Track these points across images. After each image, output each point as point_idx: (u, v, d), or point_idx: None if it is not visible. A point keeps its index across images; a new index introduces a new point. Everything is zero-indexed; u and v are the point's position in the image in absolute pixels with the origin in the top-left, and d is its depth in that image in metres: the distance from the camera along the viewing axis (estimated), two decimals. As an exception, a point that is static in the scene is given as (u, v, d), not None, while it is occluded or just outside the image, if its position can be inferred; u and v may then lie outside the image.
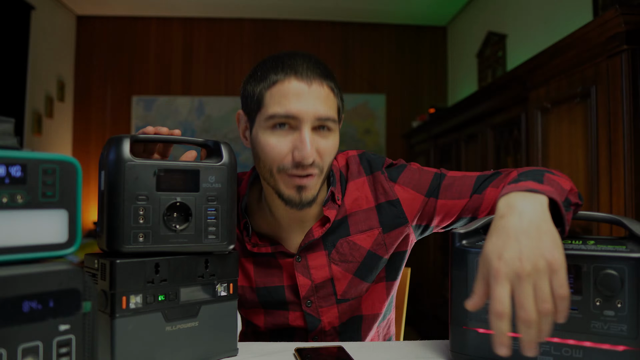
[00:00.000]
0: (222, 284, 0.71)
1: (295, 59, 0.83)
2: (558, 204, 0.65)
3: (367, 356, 0.72)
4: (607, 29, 1.57)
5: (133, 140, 0.67)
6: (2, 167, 0.45)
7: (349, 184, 0.93)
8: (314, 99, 0.80)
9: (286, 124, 0.81)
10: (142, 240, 0.64)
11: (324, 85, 0.82)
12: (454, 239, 0.69)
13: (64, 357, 0.46)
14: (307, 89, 0.80)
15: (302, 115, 0.79)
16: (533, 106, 2.08)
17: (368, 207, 0.93)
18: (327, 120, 0.82)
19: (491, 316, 0.54)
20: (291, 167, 0.81)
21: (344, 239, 0.92)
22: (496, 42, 3.37)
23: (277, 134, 0.81)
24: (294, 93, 0.80)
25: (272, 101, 0.81)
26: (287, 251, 0.91)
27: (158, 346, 0.65)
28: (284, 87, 0.81)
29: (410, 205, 0.92)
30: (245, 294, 0.94)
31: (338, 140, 0.87)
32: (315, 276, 0.91)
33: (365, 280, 0.93)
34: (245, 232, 0.91)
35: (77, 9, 4.21)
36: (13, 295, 0.43)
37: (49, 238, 0.48)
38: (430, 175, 0.93)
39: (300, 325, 0.93)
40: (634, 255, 0.58)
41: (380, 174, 0.93)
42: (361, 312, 0.96)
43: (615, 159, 1.56)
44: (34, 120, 3.66)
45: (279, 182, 0.83)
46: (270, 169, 0.83)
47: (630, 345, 0.57)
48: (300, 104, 0.79)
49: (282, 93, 0.80)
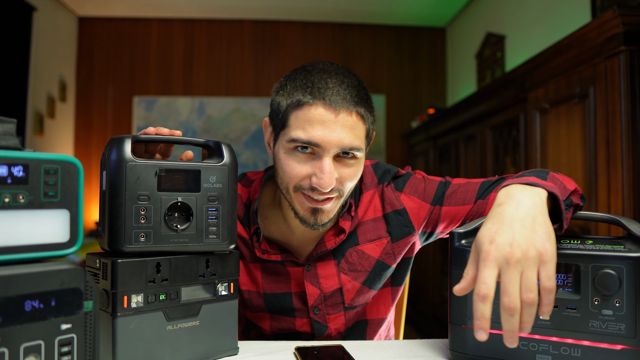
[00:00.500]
0: (222, 284, 0.71)
1: (327, 82, 0.79)
2: (558, 199, 0.64)
3: (367, 355, 0.72)
4: (605, 30, 1.57)
5: (134, 141, 0.67)
6: (4, 167, 0.45)
7: (363, 195, 0.93)
8: (340, 127, 0.77)
9: (308, 148, 0.79)
10: (143, 240, 0.64)
11: (353, 114, 0.79)
12: (453, 238, 0.69)
13: (65, 356, 0.46)
14: (334, 118, 0.77)
15: (324, 144, 0.77)
16: (532, 107, 2.08)
17: (376, 217, 0.93)
18: (352, 150, 0.79)
19: (474, 297, 0.53)
20: (308, 189, 0.80)
21: (353, 248, 0.91)
22: (495, 43, 3.37)
23: (298, 157, 0.80)
24: (319, 120, 0.77)
25: (296, 123, 0.79)
26: (297, 260, 0.90)
27: (159, 345, 0.65)
28: (310, 113, 0.78)
29: (417, 214, 0.92)
30: (252, 298, 0.93)
31: (363, 165, 0.85)
32: (325, 285, 0.90)
33: (373, 288, 0.93)
34: (255, 238, 0.90)
35: (78, 10, 4.21)
36: (15, 295, 0.43)
37: (51, 238, 0.48)
38: (435, 184, 0.93)
39: (307, 331, 0.93)
40: (632, 254, 0.58)
41: (387, 185, 0.93)
42: (366, 317, 0.96)
43: (613, 159, 1.56)
44: (35, 121, 3.66)
45: (295, 201, 0.83)
46: (287, 187, 0.82)
47: (628, 345, 0.57)
48: (324, 133, 0.77)
49: (307, 118, 0.78)
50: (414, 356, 0.72)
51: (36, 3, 3.57)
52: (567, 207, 0.68)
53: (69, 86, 4.20)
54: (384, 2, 3.99)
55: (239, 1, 4.00)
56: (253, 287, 0.93)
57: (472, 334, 0.66)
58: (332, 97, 0.77)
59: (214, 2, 4.02)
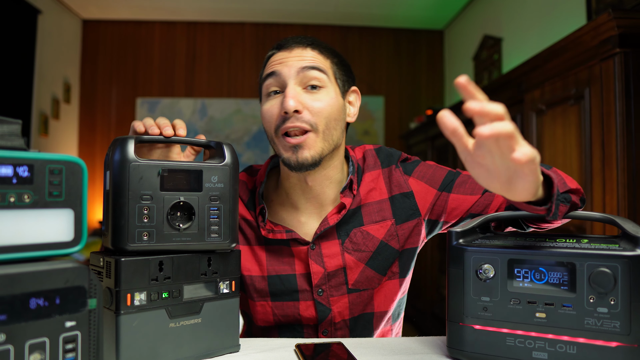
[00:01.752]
0: (224, 282, 0.71)
1: (286, 38, 0.89)
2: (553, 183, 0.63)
3: (366, 352, 0.72)
4: (600, 33, 1.57)
5: (137, 141, 0.67)
6: (10, 167, 0.45)
7: (365, 175, 0.95)
8: (296, 58, 0.85)
9: (278, 91, 0.86)
10: (146, 238, 0.64)
11: (308, 49, 0.87)
12: (451, 237, 0.69)
13: (70, 352, 0.46)
14: (289, 54, 0.86)
15: (283, 70, 0.85)
16: (528, 108, 2.08)
17: (382, 199, 0.93)
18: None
19: None
20: (281, 124, 0.84)
21: (358, 228, 0.92)
22: (492, 45, 3.37)
23: (270, 100, 0.87)
24: (278, 59, 0.86)
25: (264, 72, 0.88)
26: (301, 239, 0.91)
27: (162, 342, 0.65)
28: (272, 59, 0.88)
29: (423, 198, 0.93)
30: (255, 283, 0.93)
31: (334, 100, 0.87)
32: (328, 264, 0.91)
33: (377, 271, 0.92)
34: (260, 218, 0.92)
35: (82, 13, 4.21)
36: (20, 293, 0.43)
37: (56, 237, 0.48)
38: (445, 171, 0.94)
39: (311, 315, 0.92)
40: (627, 253, 0.58)
41: (395, 168, 0.95)
42: (373, 310, 0.94)
43: (608, 159, 1.57)
44: (40, 122, 3.66)
45: (278, 145, 0.86)
46: (271, 136, 0.87)
47: (623, 342, 0.57)
48: (282, 64, 0.85)
49: (269, 63, 0.88)
50: (412, 353, 0.72)
51: (41, 6, 3.57)
52: (563, 200, 0.67)
53: (73, 88, 4.20)
54: (383, 5, 3.99)
55: (240, 4, 4.00)
56: (257, 270, 0.93)
57: (470, 330, 0.66)
58: (287, 44, 0.88)
59: (216, 5, 4.02)
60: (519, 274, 0.64)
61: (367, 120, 4.40)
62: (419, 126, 3.69)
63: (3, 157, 0.44)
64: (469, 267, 0.66)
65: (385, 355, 0.71)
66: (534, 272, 0.63)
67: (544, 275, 0.62)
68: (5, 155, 0.45)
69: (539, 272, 0.63)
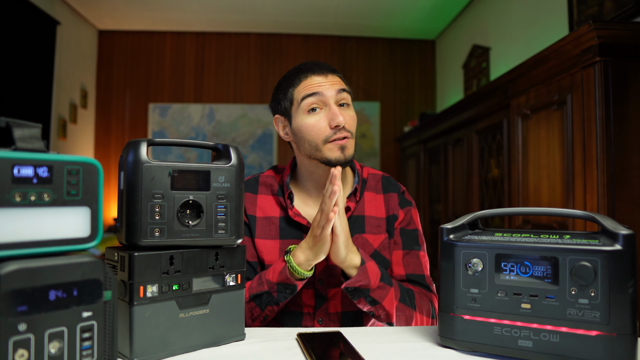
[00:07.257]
0: (230, 275, 0.71)
1: (310, 64, 0.99)
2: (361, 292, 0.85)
3: (363, 340, 0.72)
4: (581, 43, 1.57)
5: (149, 144, 0.67)
6: (31, 168, 0.45)
7: (365, 193, 1.04)
8: (330, 82, 0.95)
9: (317, 107, 0.94)
10: (157, 234, 0.64)
11: (335, 76, 0.98)
12: (442, 233, 0.69)
13: (86, 341, 0.46)
14: (325, 79, 0.95)
15: (325, 91, 0.94)
16: (514, 113, 2.08)
17: (381, 217, 1.02)
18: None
19: None
20: (332, 135, 0.93)
21: (360, 234, 0.99)
22: (480, 54, 3.37)
23: (313, 116, 0.94)
24: (316, 82, 0.95)
25: (302, 91, 0.95)
26: None
27: (172, 331, 0.65)
28: (308, 81, 0.95)
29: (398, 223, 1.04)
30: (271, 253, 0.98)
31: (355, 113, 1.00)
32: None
33: None
34: (289, 201, 1.00)
35: (98, 24, 4.21)
36: (40, 285, 0.43)
37: (73, 233, 0.48)
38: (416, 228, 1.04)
39: (310, 302, 0.96)
40: (606, 248, 0.58)
41: (396, 196, 1.04)
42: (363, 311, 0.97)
43: (589, 161, 1.56)
44: (59, 126, 3.66)
45: (326, 151, 0.94)
46: (316, 145, 0.94)
47: (603, 331, 0.57)
48: (323, 87, 0.94)
49: (307, 84, 0.95)
50: (406, 341, 0.72)
51: (60, 18, 3.57)
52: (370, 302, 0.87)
53: (90, 94, 4.20)
54: (379, 17, 3.99)
55: (245, 16, 4.00)
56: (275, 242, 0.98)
57: (460, 320, 0.66)
58: (316, 68, 0.97)
59: (223, 16, 4.02)
60: (506, 268, 0.64)
61: (364, 124, 4.40)
62: (412, 130, 3.69)
63: (24, 159, 0.44)
64: (458, 261, 0.66)
65: (381, 343, 0.71)
66: (519, 266, 0.63)
67: (529, 269, 0.62)
68: (26, 157, 0.45)
69: (524, 266, 0.63)
